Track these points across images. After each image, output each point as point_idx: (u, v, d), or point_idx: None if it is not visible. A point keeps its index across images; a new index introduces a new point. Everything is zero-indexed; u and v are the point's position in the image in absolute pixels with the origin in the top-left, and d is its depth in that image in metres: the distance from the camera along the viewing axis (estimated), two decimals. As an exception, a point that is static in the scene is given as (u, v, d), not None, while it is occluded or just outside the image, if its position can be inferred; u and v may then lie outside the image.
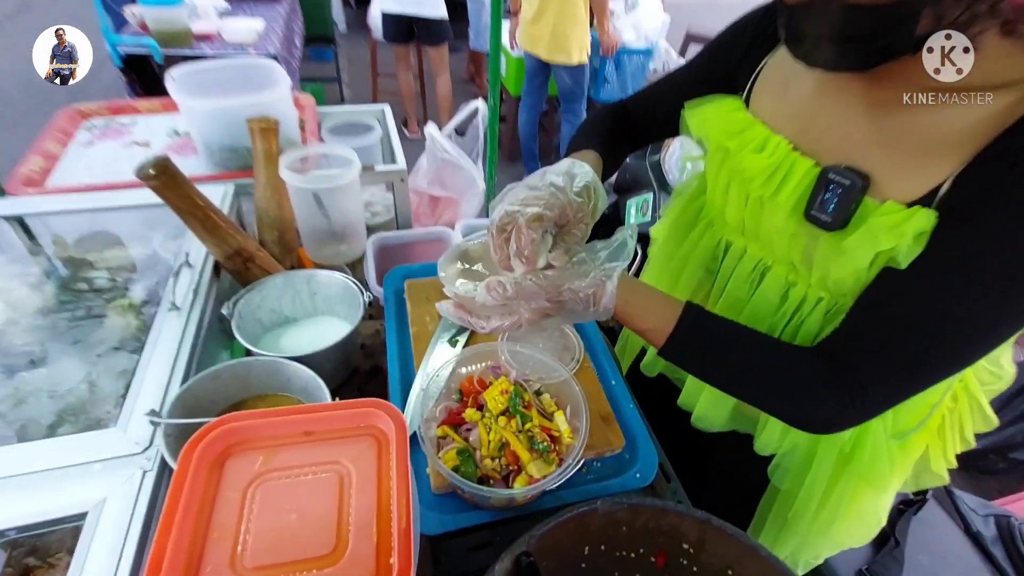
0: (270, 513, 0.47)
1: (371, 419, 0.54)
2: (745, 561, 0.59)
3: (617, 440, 0.70)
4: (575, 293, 0.52)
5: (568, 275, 0.52)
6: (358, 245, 1.17)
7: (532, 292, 0.52)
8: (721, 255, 0.72)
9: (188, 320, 0.76)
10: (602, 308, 0.53)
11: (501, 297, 0.51)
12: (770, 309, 0.65)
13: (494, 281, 0.52)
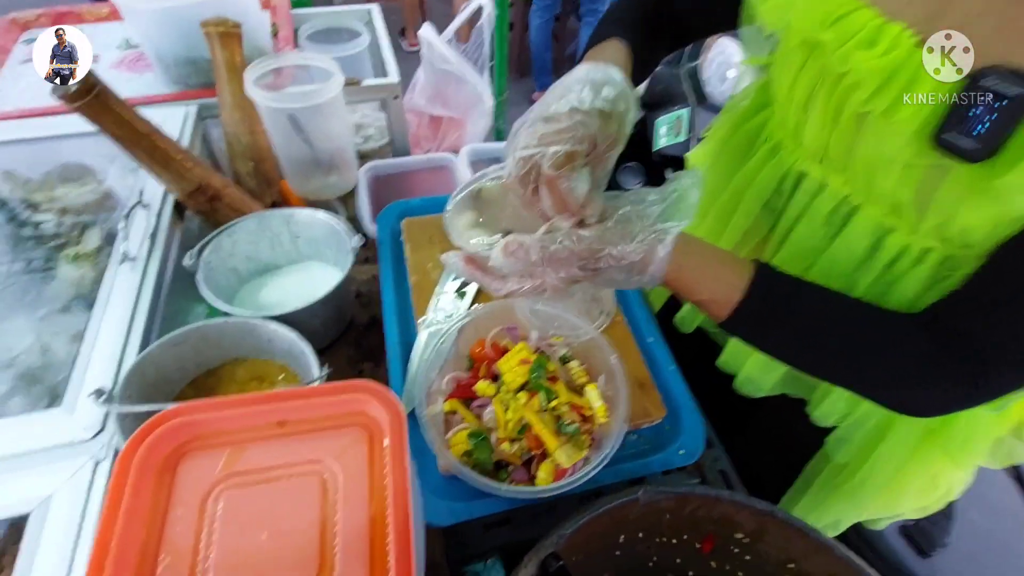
0: (235, 530, 0.37)
1: (360, 405, 0.43)
2: (813, 557, 0.50)
3: (656, 410, 0.59)
4: (617, 259, 0.41)
5: (610, 236, 0.41)
6: (349, 176, 1.02)
7: (562, 258, 0.41)
8: (789, 190, 0.57)
9: (145, 274, 0.64)
10: (648, 276, 0.42)
11: (522, 263, 0.40)
12: (852, 262, 0.52)
13: (513, 242, 0.40)
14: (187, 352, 0.60)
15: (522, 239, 0.41)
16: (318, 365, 0.57)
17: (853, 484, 0.62)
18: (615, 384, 0.52)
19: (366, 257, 0.98)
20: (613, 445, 0.48)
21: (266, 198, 0.94)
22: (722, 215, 0.65)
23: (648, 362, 0.64)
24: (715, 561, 0.56)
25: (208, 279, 0.68)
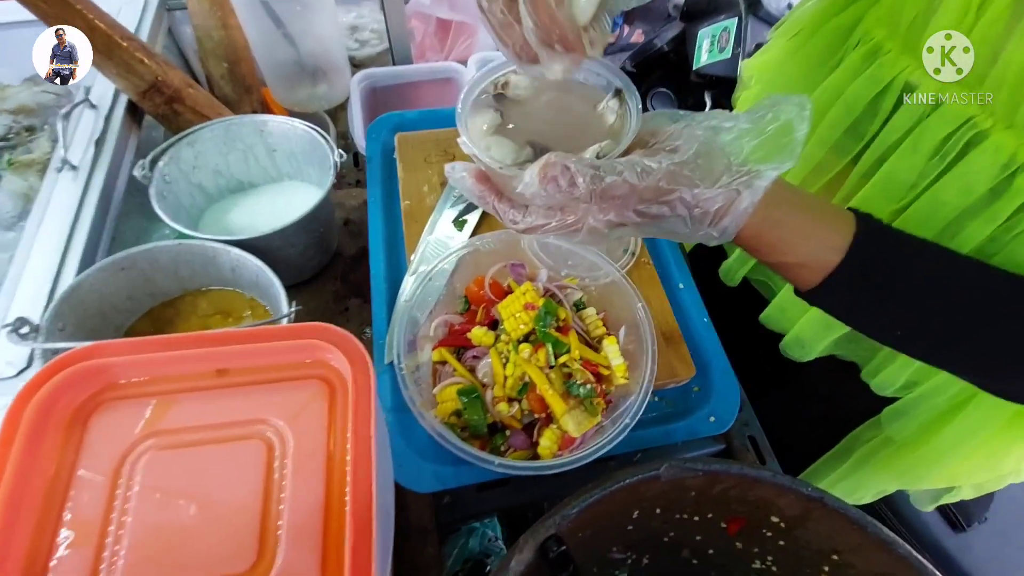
0: (156, 503, 0.30)
1: (318, 353, 0.34)
2: (865, 552, 0.42)
3: (684, 368, 0.50)
4: (690, 206, 0.31)
5: (686, 173, 0.31)
6: (340, 85, 0.89)
7: (618, 195, 0.31)
8: (888, 109, 0.44)
9: (88, 186, 0.54)
10: (719, 230, 0.32)
11: (562, 193, 0.30)
12: (962, 206, 0.40)
13: (555, 163, 0.30)
14: (137, 280, 0.51)
15: (568, 161, 0.30)
16: (286, 300, 0.48)
17: (909, 460, 0.54)
18: (639, 338, 0.43)
19: (357, 180, 0.87)
20: (634, 413, 0.39)
21: (244, 106, 0.82)
22: None
23: (677, 312, 0.54)
24: (741, 542, 0.48)
25: (166, 195, 0.58)
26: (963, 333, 0.36)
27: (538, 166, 0.30)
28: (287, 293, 0.65)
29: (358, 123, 0.83)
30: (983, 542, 0.79)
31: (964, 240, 0.40)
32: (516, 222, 0.35)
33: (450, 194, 0.60)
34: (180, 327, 0.54)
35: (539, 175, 0.30)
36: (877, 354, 0.53)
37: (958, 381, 0.48)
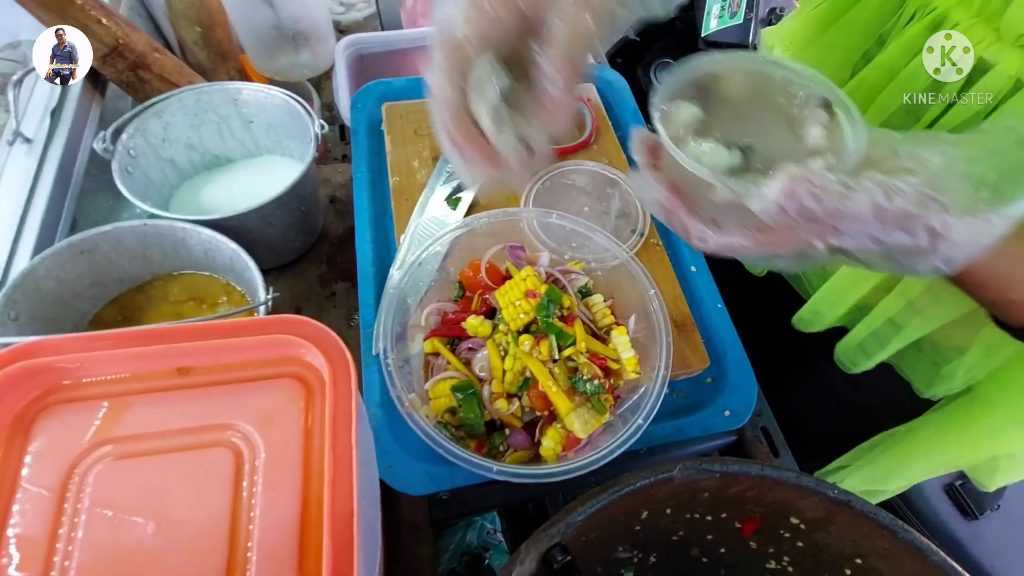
0: (110, 520, 0.27)
1: (292, 349, 0.30)
2: (894, 559, 0.40)
3: (698, 359, 0.47)
4: (935, 235, 0.27)
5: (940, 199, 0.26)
6: (324, 52, 0.83)
7: (861, 217, 0.26)
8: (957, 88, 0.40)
9: (44, 160, 0.49)
10: (950, 264, 0.28)
11: (802, 211, 0.26)
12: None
13: (801, 179, 0.26)
14: (100, 264, 0.47)
15: (814, 176, 0.26)
16: (263, 285, 0.44)
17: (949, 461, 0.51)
18: (651, 327, 0.39)
19: (343, 154, 0.82)
20: (648, 412, 0.35)
21: (220, 76, 0.77)
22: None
23: (688, 297, 0.51)
24: (755, 543, 0.46)
25: (131, 171, 0.53)
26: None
27: (782, 181, 0.26)
28: (268, 277, 0.61)
29: (343, 93, 0.77)
30: (995, 530, 0.77)
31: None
32: (706, 240, 0.31)
33: (442, 169, 0.56)
34: (150, 314, 0.50)
35: (783, 189, 0.26)
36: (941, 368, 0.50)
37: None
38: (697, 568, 0.47)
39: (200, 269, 0.52)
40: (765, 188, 0.26)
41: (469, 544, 0.64)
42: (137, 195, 0.50)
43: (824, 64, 0.49)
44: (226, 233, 0.48)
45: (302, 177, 0.53)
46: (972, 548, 0.75)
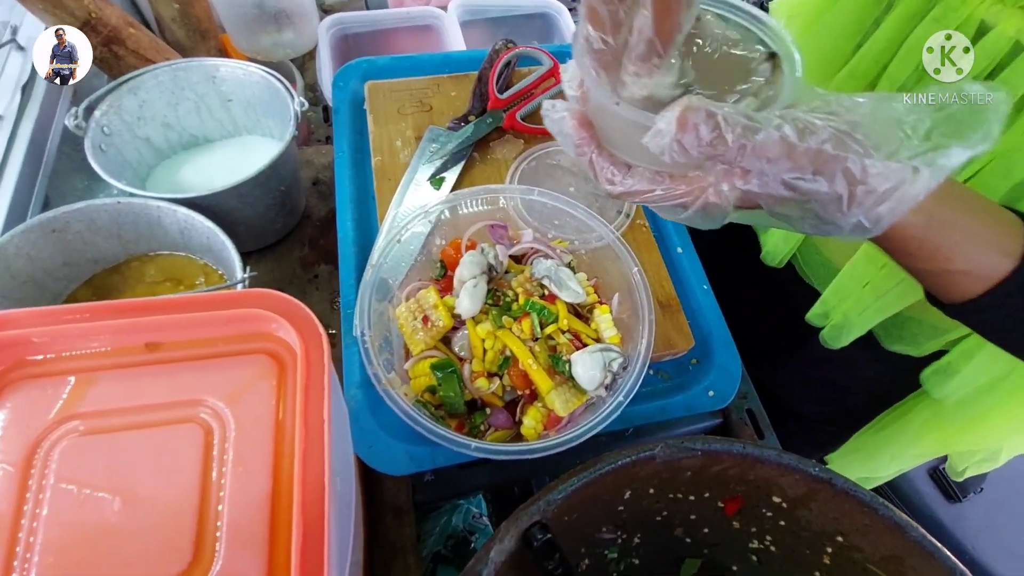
0: (75, 497, 0.26)
1: (264, 324, 0.30)
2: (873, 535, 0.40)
3: (682, 340, 0.46)
4: (855, 180, 0.24)
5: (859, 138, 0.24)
6: (307, 31, 0.81)
7: (770, 155, 0.24)
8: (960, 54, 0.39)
9: (14, 137, 0.48)
10: (875, 220, 0.25)
11: (705, 148, 0.24)
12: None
13: (700, 108, 0.23)
14: (73, 243, 0.46)
15: (714, 108, 0.24)
16: (240, 265, 0.44)
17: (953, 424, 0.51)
18: (634, 306, 0.39)
19: (327, 136, 0.81)
20: (628, 390, 0.35)
21: (199, 55, 0.75)
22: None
23: (674, 278, 0.51)
24: (738, 522, 0.46)
25: (105, 149, 0.52)
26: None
27: (677, 110, 0.24)
28: (250, 260, 0.61)
29: (327, 73, 0.76)
30: (978, 512, 0.79)
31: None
32: (614, 183, 0.28)
33: (426, 149, 0.55)
34: (126, 295, 0.49)
35: (678, 122, 0.24)
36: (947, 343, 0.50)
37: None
38: (681, 548, 0.47)
39: (177, 249, 0.51)
40: (660, 119, 0.24)
41: (455, 528, 0.64)
42: (112, 174, 0.49)
43: (832, 37, 0.48)
44: (203, 212, 0.47)
45: (281, 156, 0.52)
46: (955, 530, 0.77)
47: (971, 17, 0.37)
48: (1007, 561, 0.75)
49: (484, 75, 0.59)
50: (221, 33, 0.80)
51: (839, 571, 0.42)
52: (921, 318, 0.50)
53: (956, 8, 0.38)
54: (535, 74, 0.59)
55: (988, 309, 0.32)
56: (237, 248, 0.46)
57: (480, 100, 0.58)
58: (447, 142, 0.55)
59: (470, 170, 0.55)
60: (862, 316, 0.50)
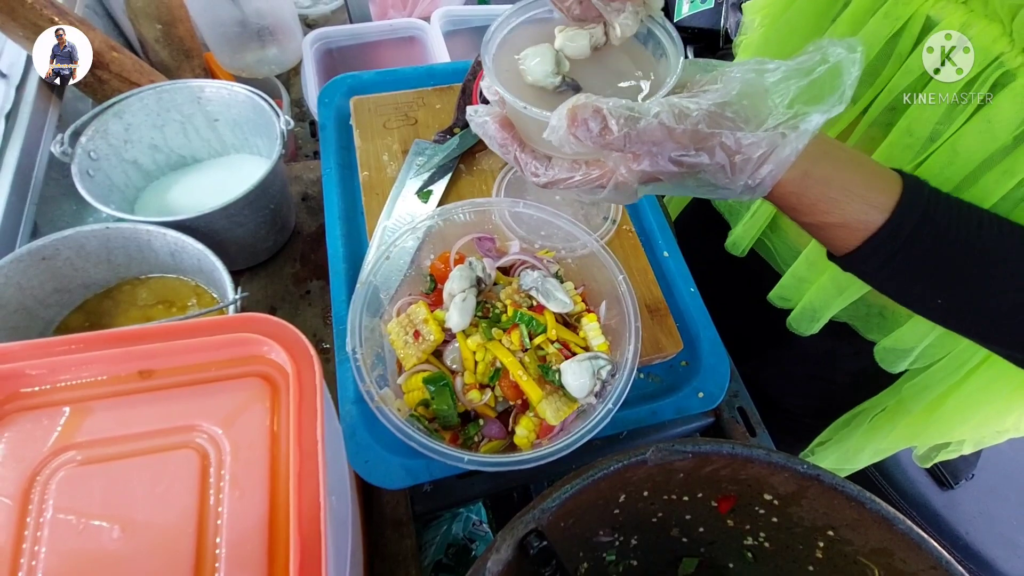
0: (74, 526, 0.26)
1: (255, 348, 0.30)
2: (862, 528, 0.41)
3: (671, 343, 0.47)
4: (731, 152, 0.28)
5: (729, 114, 0.28)
6: (292, 47, 0.82)
7: (654, 139, 0.28)
8: (907, 50, 0.41)
9: (0, 166, 0.48)
10: (757, 181, 0.29)
11: (592, 138, 0.28)
12: (984, 154, 0.37)
13: (585, 106, 0.28)
14: (63, 270, 0.47)
15: (600, 103, 0.27)
16: (232, 285, 0.44)
17: (920, 422, 0.52)
18: (621, 313, 0.40)
19: (315, 151, 0.81)
20: (616, 397, 0.36)
21: (184, 74, 0.75)
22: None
23: (662, 282, 0.51)
24: (732, 520, 0.47)
25: (93, 174, 0.52)
26: (1014, 305, 0.33)
27: (566, 107, 0.28)
28: (242, 278, 0.61)
29: (312, 88, 0.76)
30: (970, 499, 0.80)
31: (978, 195, 0.37)
32: (538, 175, 0.32)
33: (412, 162, 0.55)
34: (119, 319, 0.49)
35: (567, 118, 0.27)
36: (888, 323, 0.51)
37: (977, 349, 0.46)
38: (678, 548, 0.48)
39: (168, 272, 0.51)
40: (554, 116, 0.28)
41: (455, 536, 0.64)
42: (100, 199, 0.49)
43: (797, 34, 0.50)
44: (193, 234, 0.47)
45: (269, 175, 0.52)
46: (948, 516, 0.78)
47: (917, 13, 0.39)
48: (1001, 546, 0.76)
49: (468, 87, 0.60)
50: (205, 52, 0.81)
51: (831, 564, 0.43)
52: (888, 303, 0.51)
53: (905, 4, 0.39)
54: (518, 84, 0.60)
55: (866, 260, 0.34)
56: (229, 267, 0.46)
57: (464, 112, 0.59)
58: (433, 155, 0.56)
59: (457, 182, 0.56)
60: (824, 301, 0.51)
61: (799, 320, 0.55)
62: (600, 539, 0.46)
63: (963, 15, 0.36)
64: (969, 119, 0.37)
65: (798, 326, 0.55)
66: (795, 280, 0.52)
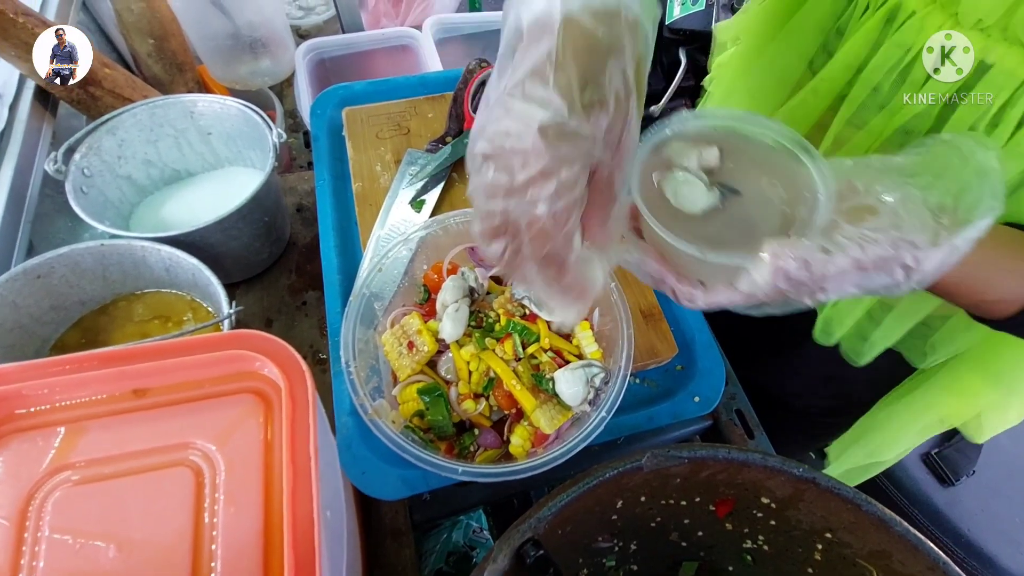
0: (71, 545, 0.27)
1: (247, 364, 0.30)
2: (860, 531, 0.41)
3: (666, 348, 0.47)
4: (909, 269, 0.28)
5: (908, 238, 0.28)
6: (284, 58, 0.82)
7: (842, 271, 0.28)
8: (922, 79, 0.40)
9: (-6, 184, 0.48)
10: (916, 281, 0.29)
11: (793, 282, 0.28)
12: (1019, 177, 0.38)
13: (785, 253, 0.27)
14: (59, 287, 0.47)
15: (795, 250, 0.27)
16: (226, 299, 0.44)
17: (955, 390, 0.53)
18: (614, 320, 0.40)
19: (309, 161, 0.82)
20: (610, 405, 0.36)
21: (178, 88, 0.76)
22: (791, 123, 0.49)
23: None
24: (731, 524, 0.47)
25: (87, 191, 0.53)
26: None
27: (768, 263, 0.27)
28: (237, 290, 0.61)
29: (305, 99, 0.77)
30: (971, 495, 0.80)
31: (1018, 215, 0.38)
32: (694, 301, 0.32)
33: (405, 172, 0.56)
34: (115, 335, 0.49)
35: (771, 273, 0.27)
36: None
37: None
38: (677, 552, 0.48)
39: (163, 287, 0.51)
40: (755, 273, 0.28)
41: (455, 544, 0.64)
42: (94, 215, 0.50)
43: (779, 61, 0.50)
44: (188, 248, 0.48)
45: (262, 187, 0.53)
46: (950, 514, 0.78)
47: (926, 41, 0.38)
48: (1004, 543, 0.76)
49: (459, 95, 0.60)
50: (198, 65, 0.81)
51: (831, 567, 0.43)
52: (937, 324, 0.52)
53: (915, 33, 0.39)
54: (509, 92, 0.60)
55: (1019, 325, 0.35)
56: (224, 280, 0.46)
57: (457, 121, 0.59)
58: (426, 164, 0.56)
59: (450, 190, 0.56)
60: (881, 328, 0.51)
61: (851, 347, 0.55)
62: (599, 545, 0.46)
63: (981, 41, 0.36)
64: (1007, 143, 0.37)
65: (855, 356, 0.55)
66: (834, 316, 0.53)
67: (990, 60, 0.36)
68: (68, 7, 0.67)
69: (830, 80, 0.45)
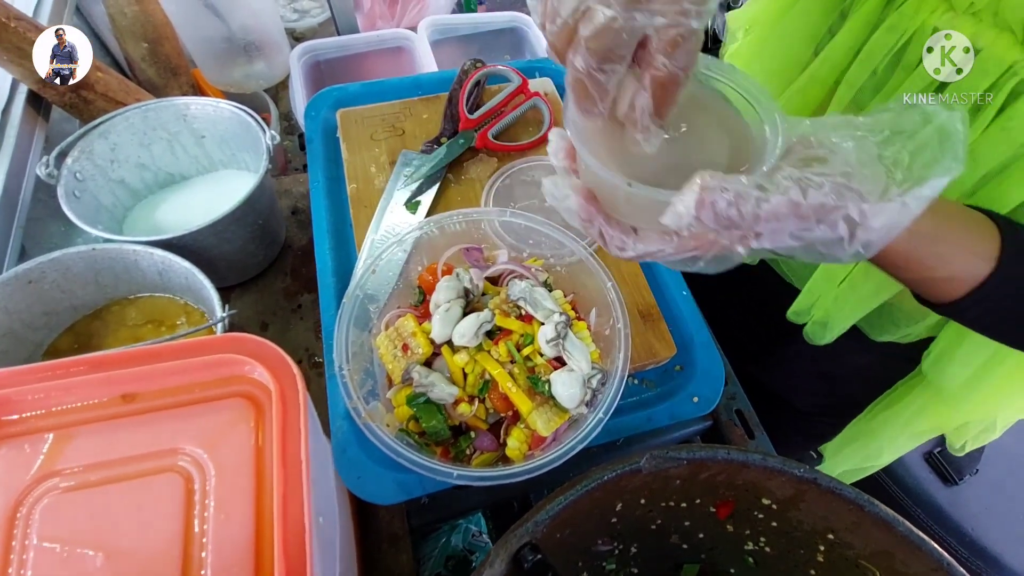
0: (59, 554, 0.26)
1: (238, 368, 0.30)
2: (863, 531, 0.41)
3: (664, 348, 0.47)
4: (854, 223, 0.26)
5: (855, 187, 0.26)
6: (279, 61, 0.82)
7: (780, 214, 0.26)
8: (915, 61, 0.40)
9: (-14, 189, 0.48)
10: (866, 248, 0.27)
11: (718, 221, 0.26)
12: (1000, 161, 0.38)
13: (714, 187, 0.25)
14: (51, 292, 0.46)
15: (728, 183, 0.25)
16: (220, 303, 0.44)
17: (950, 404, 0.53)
18: (612, 320, 0.40)
19: (304, 164, 0.81)
20: (608, 406, 0.35)
21: (172, 92, 0.75)
22: (792, 108, 0.48)
23: (653, 286, 0.51)
24: (732, 526, 0.47)
25: (79, 195, 0.52)
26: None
27: (693, 192, 0.25)
28: (232, 293, 0.61)
29: (300, 101, 0.76)
30: (975, 494, 0.79)
31: (996, 198, 0.37)
32: (624, 249, 0.30)
33: (400, 173, 0.55)
34: (108, 340, 0.49)
35: (696, 204, 0.25)
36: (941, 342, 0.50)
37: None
38: (678, 554, 0.48)
39: (156, 291, 0.51)
40: (679, 202, 0.25)
41: (454, 548, 0.63)
42: (87, 219, 0.49)
43: (789, 44, 0.50)
44: (181, 252, 0.47)
45: (256, 190, 0.52)
46: (953, 513, 0.77)
47: (924, 25, 0.38)
48: (1008, 541, 0.75)
49: (454, 96, 0.60)
50: (192, 68, 0.81)
51: (833, 568, 0.43)
52: (900, 305, 0.51)
53: (910, 16, 0.39)
54: (504, 92, 0.60)
55: (972, 308, 0.34)
56: (218, 283, 0.46)
57: (451, 121, 0.59)
58: (421, 165, 0.56)
59: (445, 192, 0.56)
60: (842, 312, 0.51)
61: (817, 333, 0.55)
62: (599, 548, 0.46)
63: (972, 26, 0.36)
64: (987, 127, 0.37)
65: (816, 337, 0.55)
66: (813, 294, 0.52)
67: (980, 45, 0.36)
68: (62, 11, 0.67)
69: (830, 63, 0.45)
